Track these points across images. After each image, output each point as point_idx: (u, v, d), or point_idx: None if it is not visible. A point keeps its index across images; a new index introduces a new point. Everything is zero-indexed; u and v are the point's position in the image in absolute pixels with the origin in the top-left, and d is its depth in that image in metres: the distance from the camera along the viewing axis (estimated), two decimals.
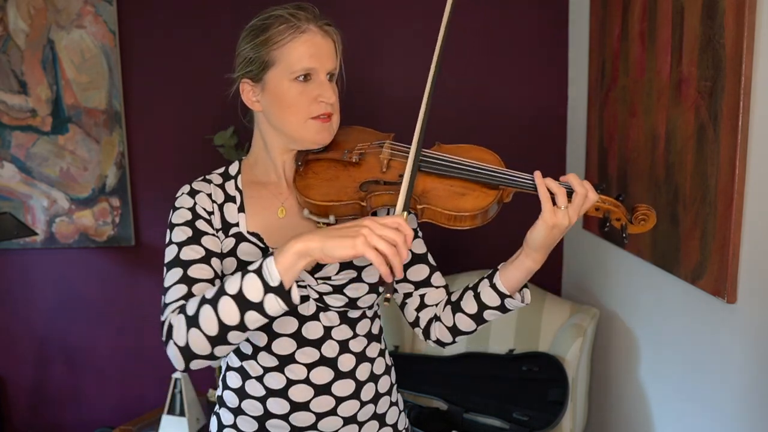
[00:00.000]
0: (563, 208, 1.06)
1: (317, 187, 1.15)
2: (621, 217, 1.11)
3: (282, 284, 0.93)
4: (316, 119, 1.15)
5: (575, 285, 2.51)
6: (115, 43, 2.46)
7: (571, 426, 2.11)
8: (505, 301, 1.16)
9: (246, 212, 1.19)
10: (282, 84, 1.13)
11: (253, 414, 1.19)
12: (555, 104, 2.53)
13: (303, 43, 1.12)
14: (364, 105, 2.49)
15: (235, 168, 1.25)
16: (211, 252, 1.14)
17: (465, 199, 1.10)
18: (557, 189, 1.06)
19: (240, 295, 0.94)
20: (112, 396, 2.70)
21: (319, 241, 0.92)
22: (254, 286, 0.94)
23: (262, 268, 0.94)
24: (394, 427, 1.28)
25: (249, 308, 0.94)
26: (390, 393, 1.28)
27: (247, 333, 0.98)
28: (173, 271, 1.09)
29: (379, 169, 1.16)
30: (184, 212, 1.16)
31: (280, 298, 0.93)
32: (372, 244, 0.91)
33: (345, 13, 2.40)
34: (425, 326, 1.28)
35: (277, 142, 1.20)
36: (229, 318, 0.95)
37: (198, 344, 0.99)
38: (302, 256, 0.93)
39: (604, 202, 1.10)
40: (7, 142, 2.51)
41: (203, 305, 0.98)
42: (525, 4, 2.47)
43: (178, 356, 1.01)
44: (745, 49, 1.33)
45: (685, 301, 1.67)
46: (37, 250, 2.60)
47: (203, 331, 0.97)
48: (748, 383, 1.42)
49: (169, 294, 1.07)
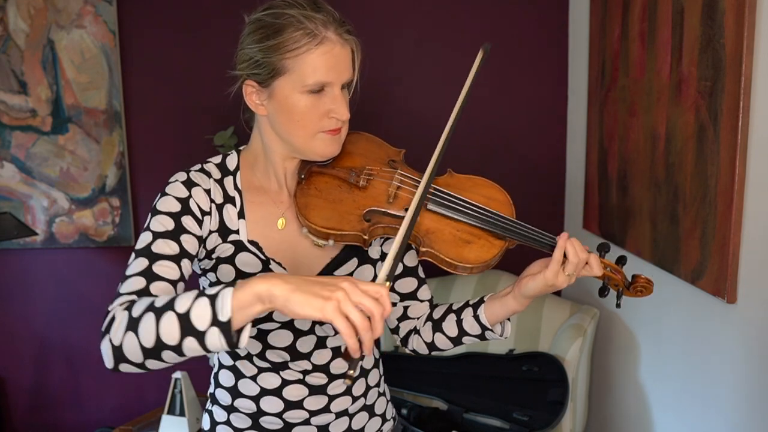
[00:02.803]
0: (567, 275, 1.05)
1: (319, 208, 1.09)
2: (619, 283, 1.12)
3: (230, 322, 0.82)
4: (325, 132, 1.08)
5: (575, 285, 2.50)
6: (115, 43, 2.46)
7: (571, 426, 2.11)
8: (486, 333, 1.18)
9: (246, 220, 1.13)
10: (292, 95, 1.04)
11: (247, 411, 1.19)
12: (555, 104, 2.53)
13: (320, 55, 1.02)
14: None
15: (234, 162, 1.17)
16: (185, 252, 1.05)
17: (470, 249, 1.06)
18: (573, 257, 1.04)
19: (186, 317, 0.85)
20: (112, 396, 2.70)
21: (285, 290, 0.82)
22: (203, 313, 0.84)
23: (217, 297, 0.84)
24: (383, 417, 1.30)
25: (190, 334, 0.84)
26: (378, 384, 1.30)
27: (182, 358, 0.89)
28: (139, 260, 1.00)
29: (386, 199, 1.10)
30: (172, 202, 1.07)
31: (224, 336, 0.83)
32: (344, 311, 0.81)
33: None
34: (404, 336, 1.29)
35: (279, 149, 1.13)
36: (168, 337, 0.86)
37: (131, 350, 0.89)
38: (261, 300, 0.82)
39: (606, 267, 1.10)
40: (7, 142, 2.51)
41: (148, 312, 0.88)
42: (525, 4, 2.46)
43: (109, 354, 0.91)
44: (745, 49, 1.33)
45: (685, 301, 1.67)
46: (37, 250, 2.60)
47: (139, 340, 0.88)
48: (748, 383, 1.42)
49: (125, 284, 0.98)
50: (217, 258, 1.12)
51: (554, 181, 2.54)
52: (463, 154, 2.44)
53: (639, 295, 1.13)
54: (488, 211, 1.09)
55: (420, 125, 2.43)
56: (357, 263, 1.17)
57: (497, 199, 1.13)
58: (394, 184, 1.12)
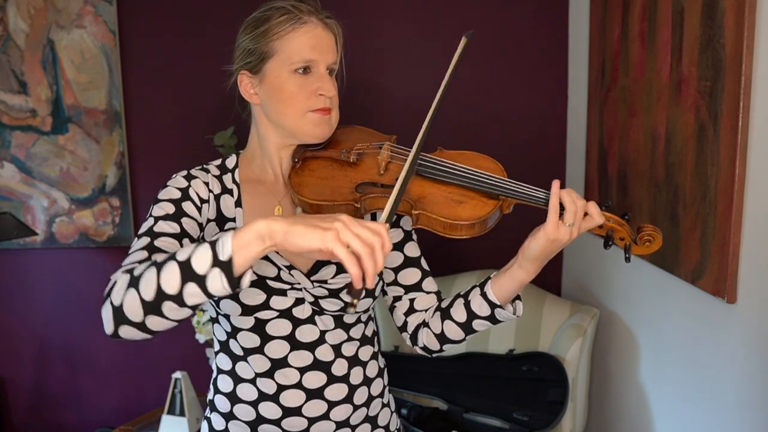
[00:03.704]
0: (568, 225, 1.03)
1: (312, 185, 1.13)
2: (625, 237, 1.08)
3: (231, 261, 0.83)
4: (314, 112, 1.12)
5: (575, 285, 2.50)
6: (115, 43, 2.46)
7: (571, 426, 2.11)
8: (495, 312, 1.14)
9: (243, 208, 1.17)
10: (281, 76, 1.11)
11: (246, 419, 1.17)
12: (555, 104, 2.53)
13: (303, 34, 1.11)
14: (366, 104, 2.49)
15: (233, 161, 1.22)
16: (186, 232, 1.08)
17: (462, 208, 1.07)
18: (570, 204, 1.02)
19: (187, 263, 0.85)
20: (112, 396, 2.70)
21: (284, 225, 0.83)
22: (204, 256, 0.84)
23: (218, 241, 0.85)
24: (386, 429, 1.27)
25: (191, 279, 0.85)
26: (382, 395, 1.27)
27: (184, 310, 0.88)
28: (142, 239, 1.03)
29: (377, 171, 1.13)
30: (173, 191, 1.12)
31: (225, 276, 0.83)
32: (344, 240, 0.82)
33: (347, 11, 2.40)
34: (413, 331, 1.26)
35: (273, 137, 1.18)
36: (168, 284, 0.86)
37: (131, 307, 0.88)
38: (262, 237, 0.83)
39: (609, 219, 1.07)
40: (7, 142, 2.51)
41: (150, 267, 0.89)
42: (525, 4, 2.47)
43: (109, 317, 0.91)
44: (745, 49, 1.33)
45: (685, 301, 1.67)
46: (37, 250, 2.60)
47: (140, 294, 0.87)
48: (749, 383, 1.42)
49: (128, 258, 1.00)
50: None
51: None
52: None
53: (647, 248, 1.08)
54: (479, 172, 1.10)
55: (408, 119, 2.43)
56: None
57: (489, 167, 1.13)
58: (384, 154, 1.14)
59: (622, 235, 1.07)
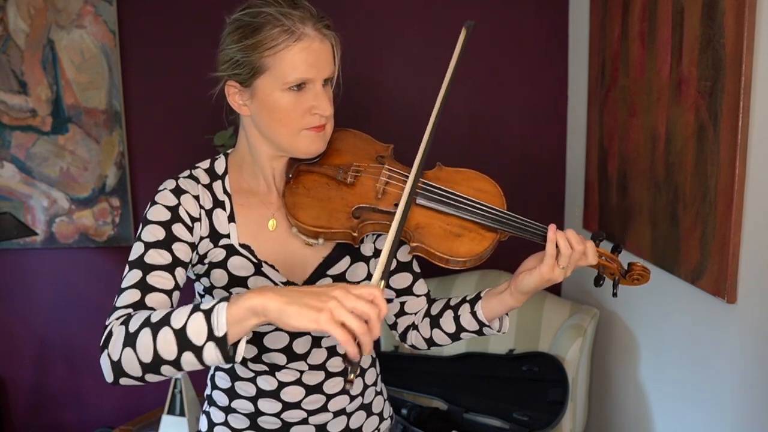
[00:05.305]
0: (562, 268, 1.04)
1: (307, 207, 1.09)
2: (615, 272, 1.10)
3: (225, 337, 0.84)
4: (309, 130, 1.07)
5: (575, 285, 2.50)
6: (115, 43, 2.46)
7: (571, 426, 2.11)
8: (483, 329, 1.17)
9: (237, 222, 1.13)
10: (273, 93, 1.04)
11: (245, 412, 1.19)
12: (555, 104, 2.53)
13: (299, 51, 1.02)
14: (364, 104, 2.49)
15: (222, 166, 1.17)
16: (178, 260, 1.05)
17: (460, 242, 1.06)
18: (565, 249, 1.03)
19: (182, 333, 0.86)
20: (112, 396, 2.70)
21: (278, 303, 0.82)
22: (199, 328, 0.85)
23: (212, 312, 0.85)
24: (380, 416, 1.30)
25: (188, 349, 0.85)
26: (375, 383, 1.30)
27: (181, 372, 0.90)
28: (133, 272, 1.01)
29: (374, 195, 1.10)
30: (162, 210, 1.07)
31: (220, 350, 0.84)
32: (339, 319, 0.80)
33: (346, 10, 2.40)
34: (402, 332, 1.29)
35: (264, 149, 1.12)
36: (165, 352, 0.87)
37: (130, 366, 0.90)
38: (256, 314, 0.83)
39: (602, 256, 1.08)
40: (7, 142, 2.51)
41: (145, 328, 0.89)
42: (525, 5, 2.46)
43: (108, 369, 0.92)
44: (745, 49, 1.33)
45: (685, 301, 1.67)
46: (37, 250, 2.60)
47: (138, 355, 0.88)
48: (749, 383, 1.42)
49: (121, 297, 0.99)
50: (209, 263, 1.12)
51: (554, 181, 2.53)
52: (462, 155, 2.44)
53: (636, 283, 1.11)
54: (478, 203, 1.08)
55: (408, 118, 2.42)
56: (350, 261, 1.17)
57: (487, 191, 1.12)
58: (382, 179, 1.11)
59: (612, 270, 1.10)
